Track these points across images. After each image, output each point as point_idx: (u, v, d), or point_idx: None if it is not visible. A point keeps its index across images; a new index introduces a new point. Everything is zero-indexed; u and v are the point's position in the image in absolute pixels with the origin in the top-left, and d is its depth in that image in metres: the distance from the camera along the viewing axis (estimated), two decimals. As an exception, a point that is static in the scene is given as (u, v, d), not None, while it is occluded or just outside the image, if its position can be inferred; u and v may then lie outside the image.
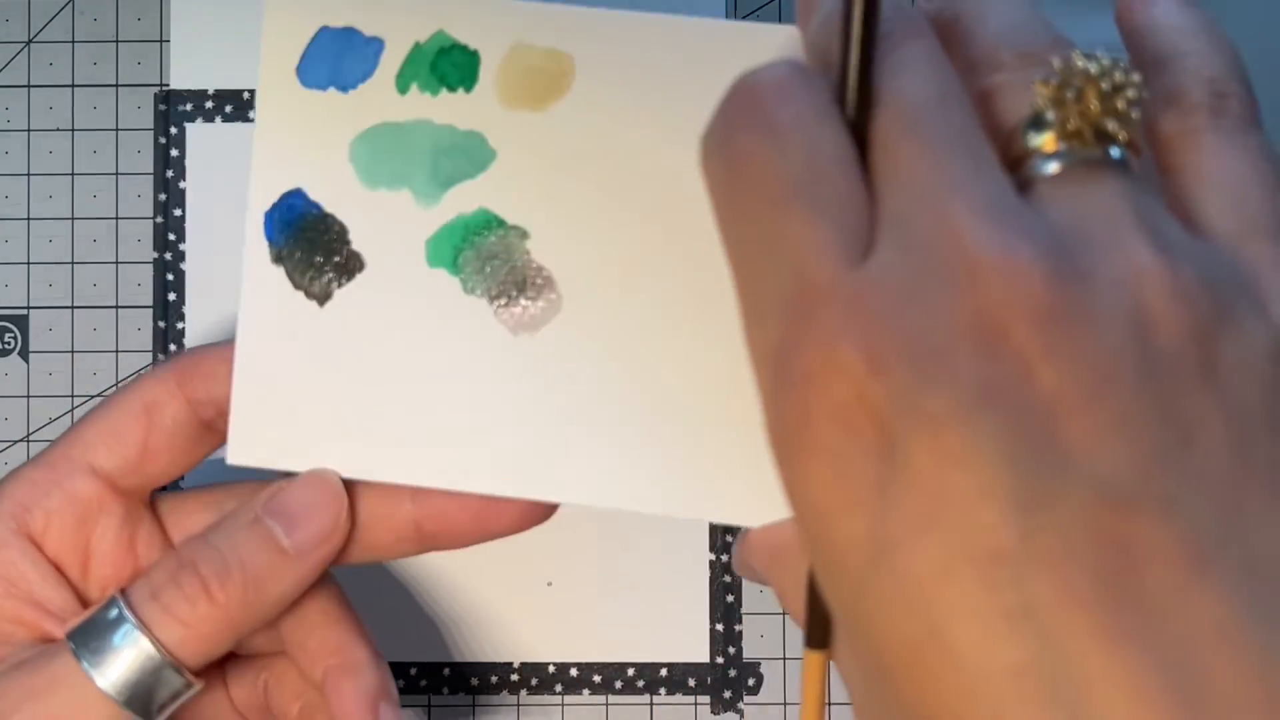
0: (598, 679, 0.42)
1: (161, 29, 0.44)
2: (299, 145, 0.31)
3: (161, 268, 0.43)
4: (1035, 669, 0.21)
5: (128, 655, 0.31)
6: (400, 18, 0.31)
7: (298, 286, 0.31)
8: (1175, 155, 0.26)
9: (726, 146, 0.25)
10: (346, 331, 0.31)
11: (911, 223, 0.23)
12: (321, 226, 0.31)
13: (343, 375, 0.31)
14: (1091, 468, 0.21)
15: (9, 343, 0.43)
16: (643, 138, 0.30)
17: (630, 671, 0.42)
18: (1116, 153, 0.24)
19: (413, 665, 0.42)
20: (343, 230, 0.31)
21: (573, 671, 0.42)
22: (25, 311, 0.43)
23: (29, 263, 0.43)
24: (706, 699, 0.42)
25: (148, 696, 0.31)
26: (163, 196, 0.43)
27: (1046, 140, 0.24)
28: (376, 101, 0.31)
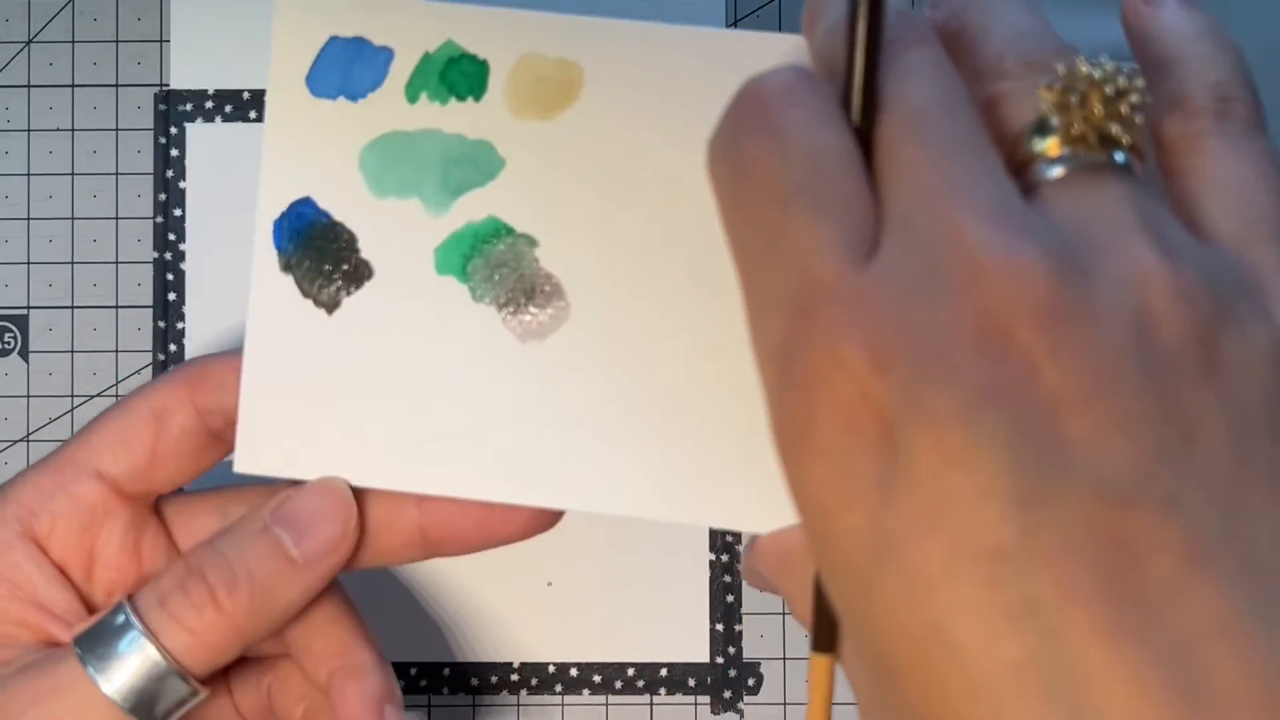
0: (598, 679, 0.42)
1: (161, 29, 0.44)
2: (308, 154, 0.31)
3: (161, 268, 0.43)
4: (1036, 666, 0.21)
5: (134, 662, 0.30)
6: (410, 27, 0.31)
7: (306, 295, 0.31)
8: (1180, 159, 0.27)
9: (732, 150, 0.25)
10: (355, 339, 0.31)
11: (915, 224, 0.23)
12: (330, 235, 0.31)
13: (351, 383, 0.31)
14: (1093, 465, 0.21)
15: (9, 343, 0.43)
16: (651, 146, 0.31)
17: (630, 671, 0.42)
18: (1120, 157, 0.24)
19: (413, 665, 0.42)
20: (352, 238, 0.31)
21: (573, 671, 0.42)
22: (25, 311, 0.43)
23: (29, 263, 0.43)
24: (706, 699, 0.42)
25: (153, 703, 0.31)
26: (163, 196, 0.43)
27: (1051, 145, 0.25)
28: (386, 111, 0.31)
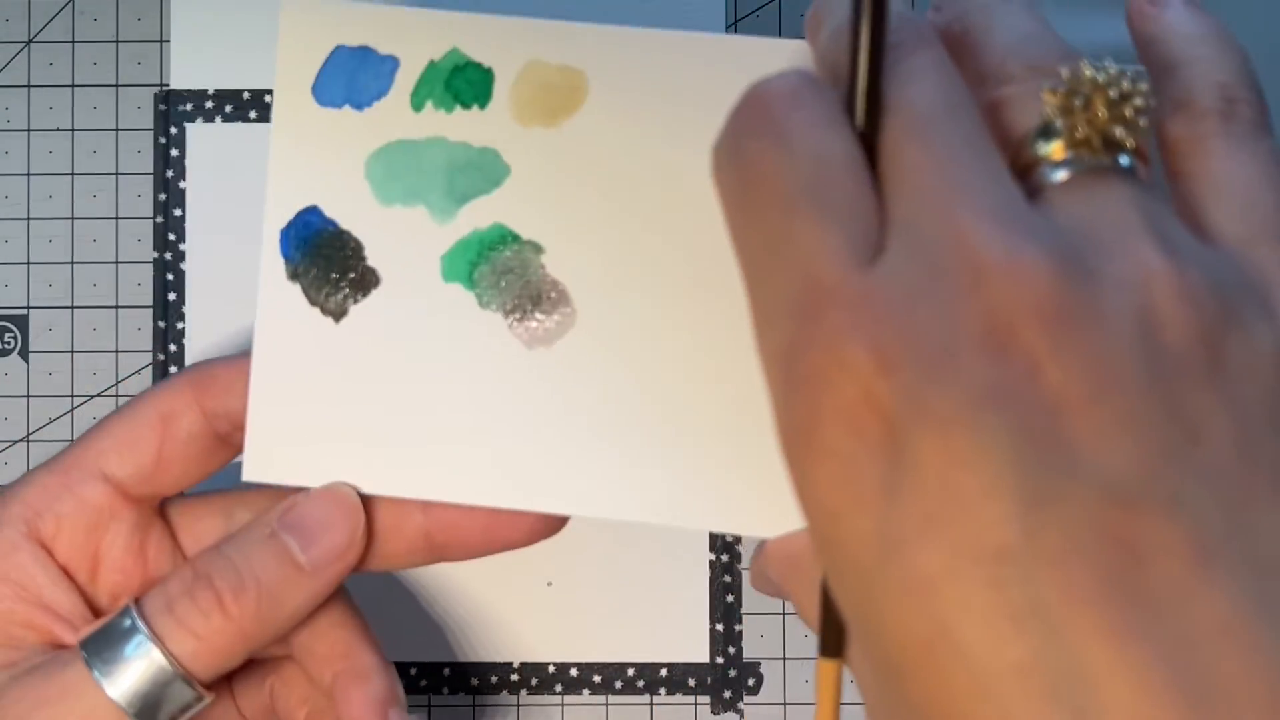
0: (598, 679, 0.42)
1: (161, 29, 0.43)
2: (314, 163, 0.31)
3: (161, 268, 0.43)
4: (1041, 666, 0.21)
5: (139, 666, 0.30)
6: (415, 36, 0.31)
7: (314, 303, 0.32)
8: (1185, 161, 0.27)
9: (737, 154, 0.26)
10: (362, 347, 0.31)
11: (919, 227, 0.23)
12: (337, 243, 0.31)
13: (359, 391, 0.31)
14: (1097, 466, 0.21)
15: (9, 343, 0.43)
16: (656, 152, 0.31)
17: (630, 671, 0.42)
18: (1125, 160, 0.25)
19: (413, 665, 0.42)
20: (358, 246, 0.31)
21: (573, 671, 0.42)
22: (25, 311, 0.43)
23: (29, 263, 0.43)
24: (706, 699, 0.42)
25: (158, 708, 0.31)
26: (163, 196, 0.43)
27: (1055, 148, 0.25)
28: (391, 119, 0.31)
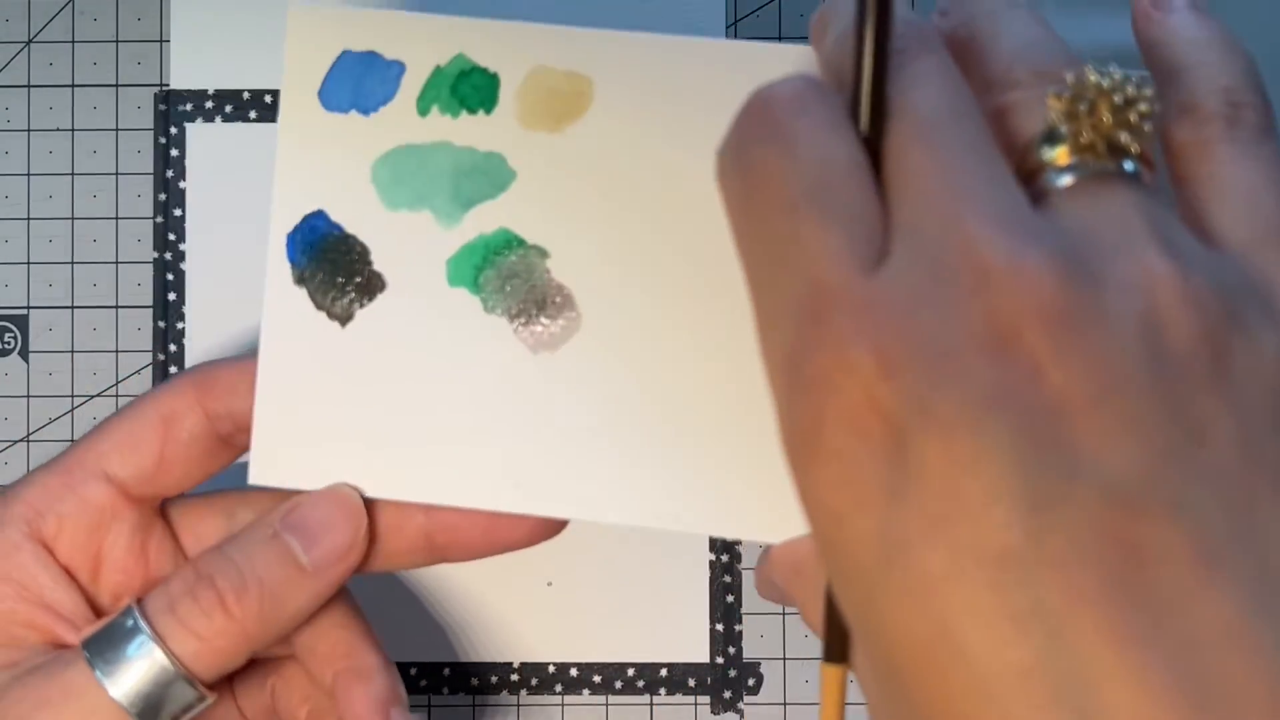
0: (598, 679, 0.42)
1: (161, 29, 0.43)
2: (321, 167, 0.31)
3: (161, 268, 0.43)
4: (1043, 669, 0.21)
5: (141, 666, 0.31)
6: (421, 41, 0.31)
7: (320, 307, 0.32)
8: (1190, 165, 0.27)
9: (741, 159, 0.26)
10: (368, 351, 0.31)
11: (923, 231, 0.23)
12: (343, 247, 0.31)
13: (364, 394, 0.31)
14: (1100, 468, 0.21)
15: (9, 343, 0.43)
16: (661, 157, 0.31)
17: (630, 671, 0.42)
18: (1129, 165, 0.25)
19: (413, 665, 0.42)
20: (364, 251, 0.31)
21: (573, 671, 0.42)
22: (25, 311, 0.43)
23: (29, 263, 0.43)
24: (706, 699, 0.42)
25: (160, 708, 0.31)
26: (163, 196, 0.43)
27: (1060, 153, 0.25)
28: (398, 124, 0.31)
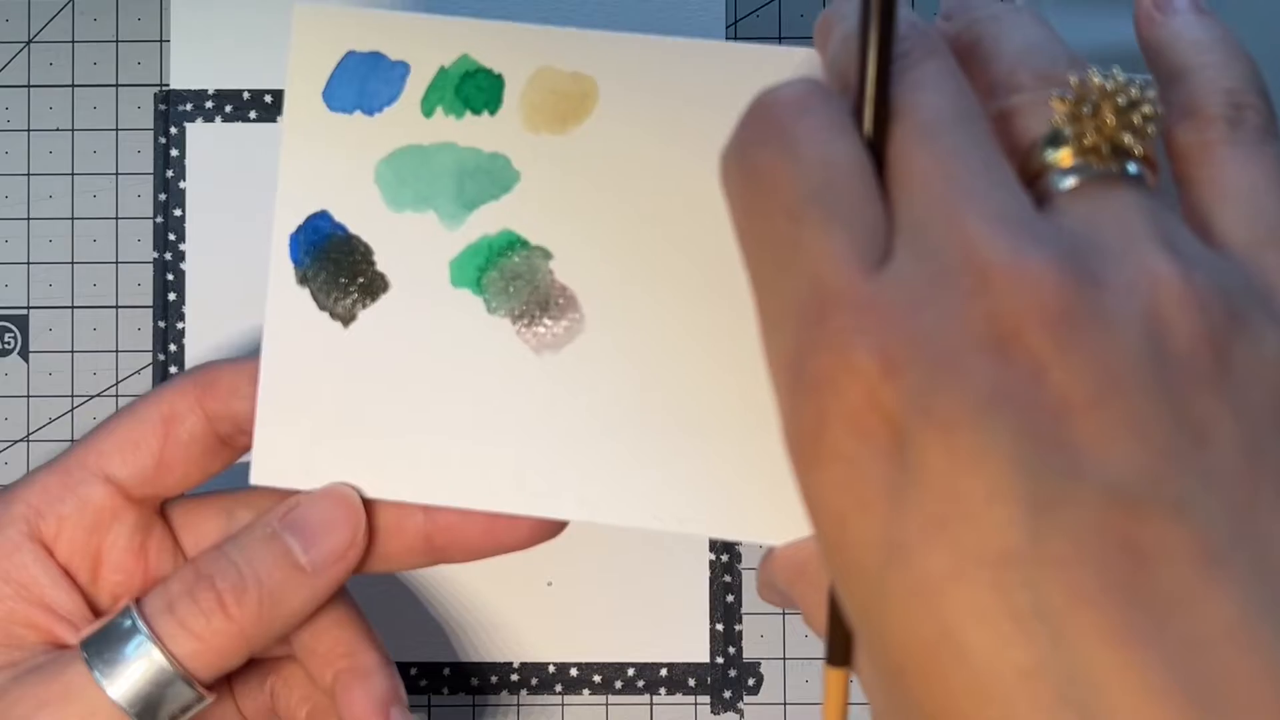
0: (598, 679, 0.42)
1: (161, 29, 0.43)
2: (325, 168, 0.31)
3: (161, 268, 0.43)
4: (1045, 670, 0.21)
5: (140, 666, 0.31)
6: (425, 42, 0.31)
7: (323, 308, 0.31)
8: (1192, 167, 0.27)
9: (745, 161, 0.26)
10: (371, 352, 0.31)
11: (926, 232, 0.23)
12: (347, 248, 0.31)
13: (367, 395, 0.31)
14: (1102, 468, 0.21)
15: (9, 343, 0.43)
16: (665, 159, 0.31)
17: (630, 671, 0.42)
18: (1132, 167, 0.25)
19: (413, 665, 0.43)
20: (368, 251, 0.31)
21: (573, 671, 0.42)
22: (25, 311, 0.43)
23: (29, 263, 0.43)
24: (706, 699, 0.42)
25: (158, 708, 0.31)
26: (163, 196, 0.43)
27: (1063, 156, 0.25)
28: (402, 125, 0.31)
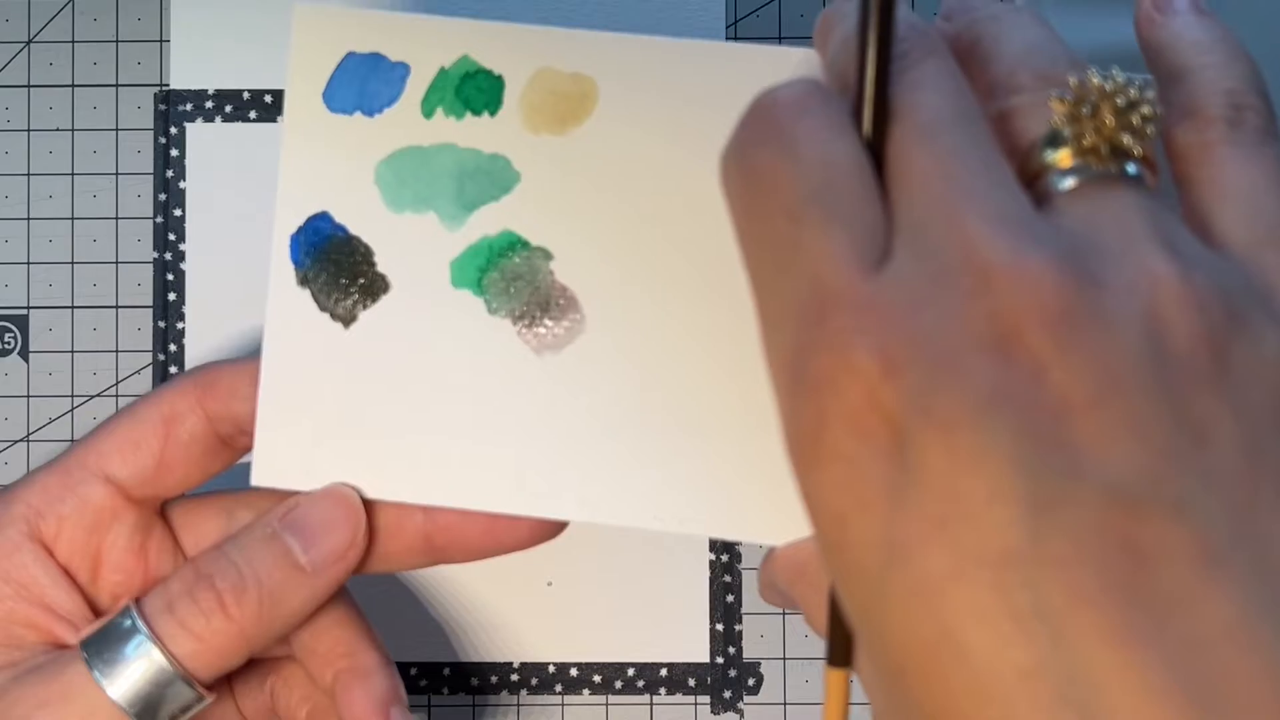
0: (598, 679, 0.42)
1: (161, 29, 0.43)
2: (325, 169, 0.31)
3: (161, 268, 0.43)
4: (1045, 670, 0.21)
5: (140, 666, 0.30)
6: (425, 43, 0.31)
7: (323, 309, 0.31)
8: (1192, 167, 0.27)
9: (744, 162, 0.26)
10: (371, 353, 0.31)
11: (925, 232, 0.23)
12: (347, 249, 0.31)
13: (368, 396, 0.31)
14: (1102, 469, 0.21)
15: (9, 343, 0.43)
16: (665, 159, 0.31)
17: (630, 671, 0.42)
18: (1132, 168, 0.25)
19: (413, 665, 0.43)
20: (368, 252, 0.31)
21: (573, 671, 0.42)
22: (25, 311, 0.43)
23: (29, 263, 0.43)
24: (706, 699, 0.42)
25: (158, 708, 0.31)
26: (163, 196, 0.43)
27: (1062, 156, 0.25)
28: (402, 126, 0.31)
